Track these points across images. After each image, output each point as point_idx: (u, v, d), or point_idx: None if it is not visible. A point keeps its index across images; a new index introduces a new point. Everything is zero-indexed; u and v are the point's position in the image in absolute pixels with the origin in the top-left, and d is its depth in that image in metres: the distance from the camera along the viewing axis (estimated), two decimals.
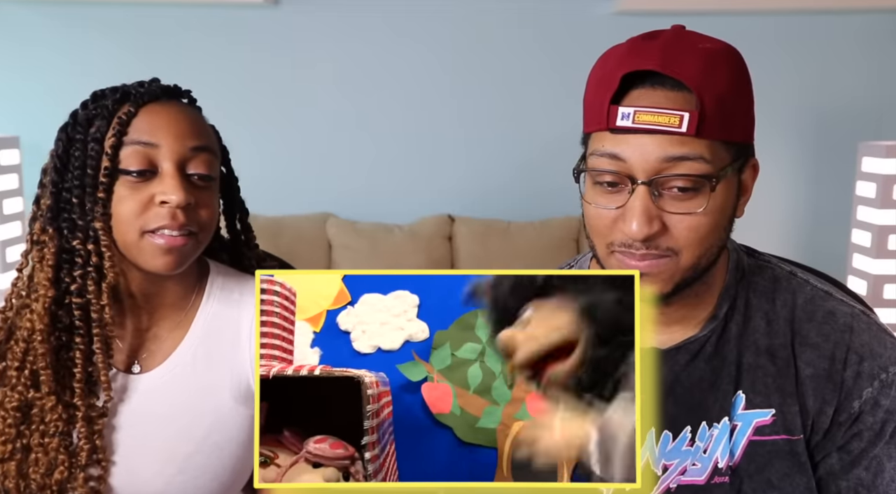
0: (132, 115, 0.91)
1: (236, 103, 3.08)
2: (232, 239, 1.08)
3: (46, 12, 3.12)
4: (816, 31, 3.16)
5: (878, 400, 0.86)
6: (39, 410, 0.93)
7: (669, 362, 0.89)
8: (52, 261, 0.92)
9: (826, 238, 3.19)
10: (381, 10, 3.16)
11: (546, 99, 3.18)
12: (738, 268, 0.92)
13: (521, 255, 3.02)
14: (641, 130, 0.79)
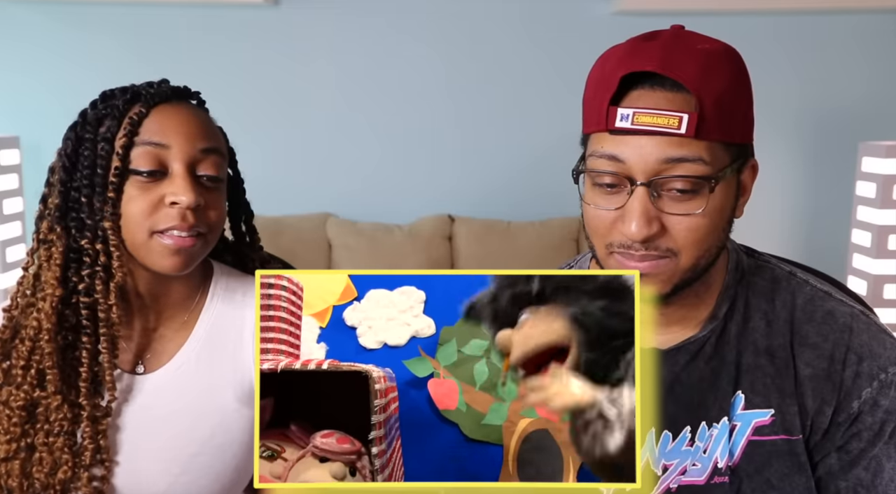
0: (143, 116, 0.91)
1: (236, 103, 3.08)
2: (236, 240, 1.08)
3: (46, 12, 3.12)
4: (816, 31, 3.16)
5: (877, 400, 0.86)
6: (45, 409, 0.93)
7: (669, 362, 0.89)
8: (60, 260, 0.92)
9: (826, 238, 3.19)
10: (380, 10, 3.16)
11: (545, 99, 3.18)
12: (737, 269, 0.92)
13: (521, 255, 3.02)
14: (640, 132, 0.79)
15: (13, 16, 3.11)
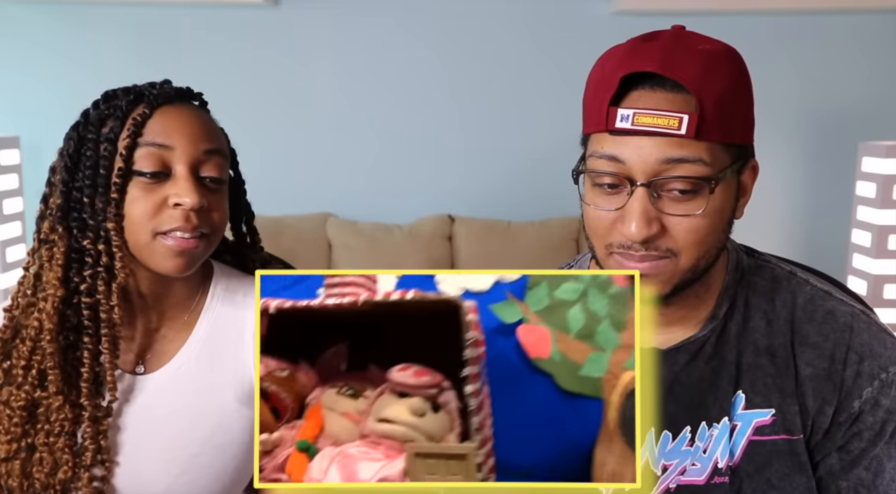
0: (147, 117, 0.91)
1: (236, 103, 3.07)
2: (237, 241, 1.08)
3: (46, 12, 3.12)
4: (816, 31, 3.16)
5: (878, 399, 0.86)
6: (45, 409, 0.93)
7: (669, 362, 0.89)
8: (62, 261, 0.92)
9: (826, 238, 3.19)
10: (381, 10, 3.16)
11: (546, 99, 3.18)
12: (737, 268, 0.92)
13: (521, 255, 3.02)
14: (640, 132, 0.79)
15: (13, 15, 3.11)
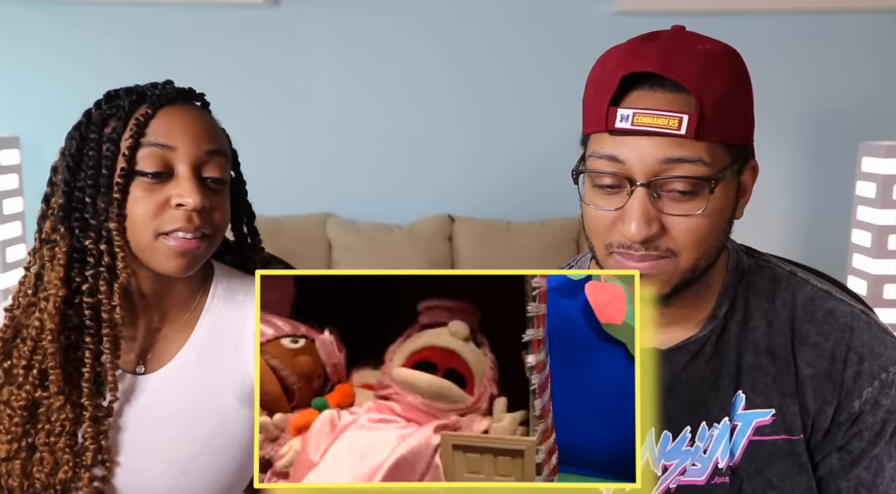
0: (149, 117, 0.91)
1: (236, 103, 3.06)
2: (238, 241, 1.09)
3: (47, 11, 3.12)
4: (816, 31, 3.16)
5: (878, 399, 0.86)
6: (46, 409, 0.93)
7: (669, 362, 0.89)
8: (64, 260, 0.92)
9: (826, 238, 3.19)
10: (381, 9, 3.16)
11: (546, 99, 3.18)
12: (737, 268, 0.92)
13: (521, 255, 3.02)
14: (640, 132, 0.79)
15: (13, 15, 3.11)
